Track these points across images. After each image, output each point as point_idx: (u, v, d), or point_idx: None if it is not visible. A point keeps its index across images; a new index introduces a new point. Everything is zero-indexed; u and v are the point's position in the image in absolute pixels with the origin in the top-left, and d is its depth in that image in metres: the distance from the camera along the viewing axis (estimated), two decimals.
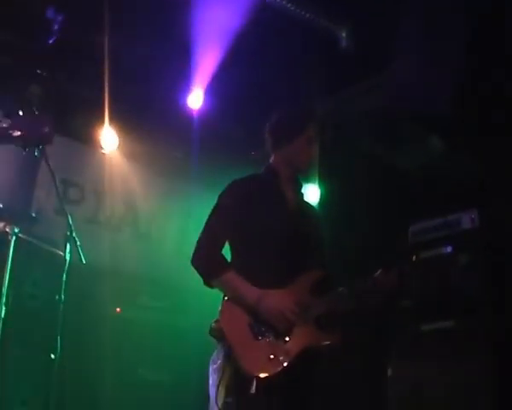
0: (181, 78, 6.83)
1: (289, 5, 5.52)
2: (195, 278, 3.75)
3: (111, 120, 6.74)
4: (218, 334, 3.53)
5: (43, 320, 5.46)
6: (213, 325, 3.57)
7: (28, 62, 6.39)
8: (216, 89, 6.91)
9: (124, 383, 6.37)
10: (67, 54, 6.54)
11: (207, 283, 3.69)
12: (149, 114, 7.12)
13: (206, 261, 3.69)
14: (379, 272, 3.64)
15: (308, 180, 5.97)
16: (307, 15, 5.66)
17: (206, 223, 3.78)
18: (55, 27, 6.19)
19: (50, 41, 6.26)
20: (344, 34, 5.87)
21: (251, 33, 6.08)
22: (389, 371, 5.21)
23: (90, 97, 6.75)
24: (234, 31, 6.08)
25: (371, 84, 6.17)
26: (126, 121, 6.96)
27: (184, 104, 7.07)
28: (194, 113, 7.13)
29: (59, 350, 4.96)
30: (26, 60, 6.34)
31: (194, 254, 3.71)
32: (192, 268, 3.72)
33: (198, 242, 3.73)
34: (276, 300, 3.54)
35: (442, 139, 5.58)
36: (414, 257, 3.78)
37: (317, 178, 6.50)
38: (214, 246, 3.71)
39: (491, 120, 5.11)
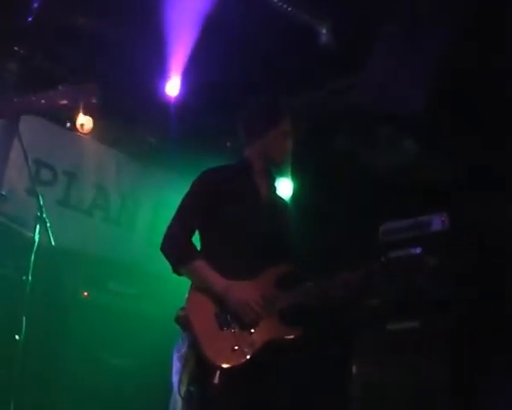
0: (159, 64, 6.79)
1: None
2: (165, 266, 3.74)
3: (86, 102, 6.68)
4: (184, 322, 3.52)
5: (9, 300, 5.42)
6: (179, 312, 3.57)
7: (6, 40, 6.32)
8: (193, 77, 6.89)
9: (88, 368, 6.34)
10: (46, 33, 6.48)
11: (176, 270, 3.69)
12: (126, 99, 7.08)
13: (175, 248, 3.68)
14: (346, 268, 3.65)
15: (281, 174, 5.97)
16: (288, 9, 5.65)
17: (177, 210, 3.78)
18: (35, 5, 6.13)
19: (29, 19, 6.20)
20: (324, 30, 5.87)
21: (231, 24, 6.06)
22: (353, 369, 5.24)
23: (66, 78, 6.68)
24: (213, 21, 6.05)
25: (349, 82, 6.18)
26: (102, 104, 6.89)
27: (162, 91, 7.04)
28: (171, 100, 7.10)
29: (23, 331, 4.93)
30: (3, 37, 6.26)
31: (164, 240, 3.70)
32: (162, 255, 3.71)
33: (168, 228, 3.73)
34: (243, 291, 3.55)
35: (415, 141, 5.61)
36: (383, 256, 3.79)
37: (290, 172, 6.51)
38: (184, 233, 3.71)
39: (464, 122, 5.15)
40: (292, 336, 3.61)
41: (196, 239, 3.80)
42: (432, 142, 5.42)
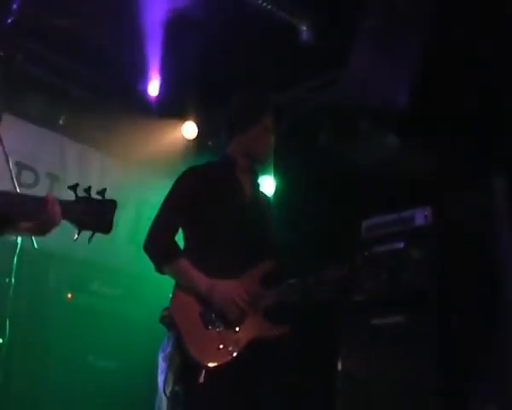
0: (140, 64, 6.78)
1: None
2: (148, 266, 3.74)
3: (68, 103, 6.67)
4: (168, 322, 3.52)
5: None
6: (164, 312, 3.56)
7: None
8: (174, 77, 6.88)
9: (72, 370, 6.31)
10: (27, 35, 6.45)
11: (159, 269, 3.68)
12: (108, 100, 7.07)
13: (158, 248, 3.67)
14: (330, 265, 3.65)
15: (264, 172, 5.97)
16: (268, 6, 5.65)
17: (160, 209, 3.77)
18: (14, 7, 6.10)
19: (9, 21, 6.16)
20: (305, 27, 5.87)
21: (210, 22, 6.06)
22: (338, 365, 5.25)
23: (46, 80, 6.67)
24: (192, 18, 6.05)
25: (330, 78, 6.19)
26: (83, 105, 6.88)
27: (143, 90, 7.03)
28: (152, 99, 7.09)
29: (7, 334, 4.91)
30: None
31: (147, 239, 3.69)
32: (145, 256, 3.70)
33: (151, 228, 3.72)
34: (228, 289, 3.54)
35: (398, 135, 5.62)
36: (366, 252, 3.79)
37: (272, 169, 6.51)
38: (167, 232, 3.70)
39: (447, 116, 5.16)
40: (277, 334, 3.61)
41: (180, 238, 3.80)
42: (414, 136, 5.43)
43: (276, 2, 5.69)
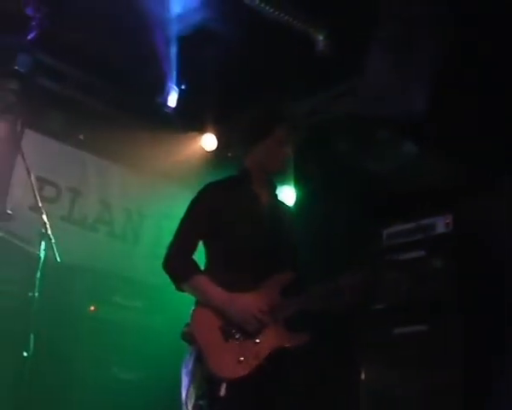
0: (160, 77, 6.83)
1: (267, 7, 5.53)
2: (170, 280, 3.76)
3: (88, 117, 6.73)
4: (190, 338, 3.53)
5: (16, 317, 5.43)
6: (185, 329, 3.57)
7: (7, 58, 6.35)
8: (193, 89, 6.93)
9: (96, 383, 6.34)
10: (47, 51, 6.52)
11: (178, 287, 3.70)
12: (127, 113, 7.12)
13: (176, 266, 3.69)
14: (352, 273, 3.64)
15: (283, 182, 5.98)
16: (285, 17, 5.67)
17: (179, 227, 3.78)
18: (35, 23, 6.17)
19: (29, 37, 6.24)
20: (321, 37, 5.88)
21: (228, 34, 6.09)
22: (361, 375, 5.24)
23: (66, 95, 6.73)
24: (211, 31, 6.09)
25: (348, 88, 6.20)
26: (103, 119, 6.94)
27: (162, 103, 7.08)
28: (171, 112, 7.14)
29: (31, 348, 4.94)
30: (4, 55, 6.30)
31: (166, 258, 3.72)
32: None
33: (170, 246, 3.74)
34: (246, 302, 3.55)
35: (415, 143, 5.62)
36: (387, 260, 3.78)
37: (292, 180, 6.51)
38: (185, 250, 3.72)
39: (464, 123, 5.15)
40: (297, 343, 3.61)
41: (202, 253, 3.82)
42: (433, 144, 5.43)
43: (292, 13, 5.71)
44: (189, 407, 3.44)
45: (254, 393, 3.49)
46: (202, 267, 3.76)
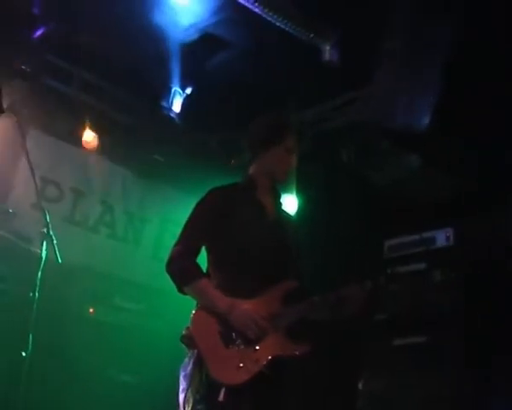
0: (165, 81, 6.84)
1: (275, 15, 5.54)
2: (170, 283, 3.76)
3: (93, 119, 6.73)
4: (189, 341, 3.53)
5: (16, 317, 5.43)
6: (184, 332, 3.57)
7: (13, 57, 6.36)
8: (199, 94, 6.94)
9: (94, 384, 6.35)
10: (53, 51, 6.53)
11: (181, 290, 3.71)
12: (132, 116, 7.13)
13: (179, 269, 3.69)
14: (353, 284, 3.64)
15: (286, 191, 5.98)
16: (293, 26, 5.68)
17: (182, 230, 3.79)
18: (42, 23, 6.19)
19: (36, 36, 6.25)
20: (328, 47, 5.89)
21: (235, 41, 6.11)
22: (360, 385, 5.24)
23: (72, 96, 6.73)
24: (216, 39, 6.10)
25: (353, 97, 6.21)
26: (108, 122, 6.95)
27: (167, 107, 7.09)
28: (176, 118, 7.14)
29: (30, 348, 4.94)
30: (10, 55, 6.31)
31: (169, 260, 3.71)
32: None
33: (173, 249, 3.74)
34: (248, 308, 3.55)
35: (420, 156, 5.63)
36: (389, 271, 3.79)
37: (295, 188, 6.52)
38: (188, 254, 3.72)
39: (469, 138, 5.17)
40: (298, 352, 3.61)
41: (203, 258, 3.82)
42: (436, 158, 5.44)
43: (300, 22, 5.72)
44: None
45: (253, 400, 3.48)
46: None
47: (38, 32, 6.21)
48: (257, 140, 3.94)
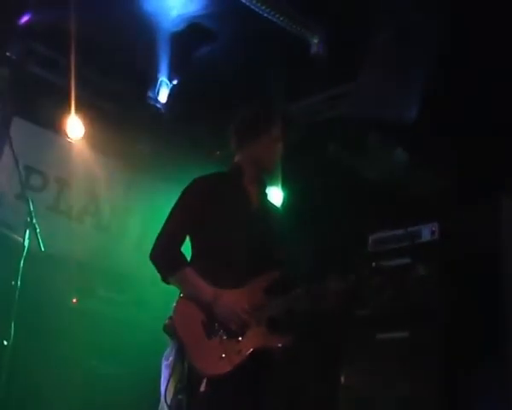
0: (150, 71, 6.82)
1: (263, 7, 5.53)
2: (154, 274, 3.75)
3: (78, 108, 6.69)
4: (171, 331, 3.52)
5: None
6: (167, 321, 3.57)
7: None
8: (184, 84, 6.91)
9: (75, 374, 6.32)
10: (38, 39, 6.48)
11: (165, 279, 3.70)
12: (117, 106, 7.10)
13: (163, 257, 3.69)
14: (336, 276, 3.64)
15: (272, 182, 5.97)
16: (281, 18, 5.67)
17: (167, 219, 3.78)
18: (27, 10, 6.14)
19: (21, 23, 6.20)
20: (316, 40, 5.89)
21: (222, 32, 6.09)
22: (342, 378, 5.24)
23: (57, 84, 6.69)
24: (205, 29, 6.08)
25: (341, 91, 6.20)
26: (93, 111, 6.91)
27: (153, 98, 7.06)
28: (162, 108, 7.12)
29: (12, 337, 4.91)
30: None
31: (153, 249, 3.71)
32: (151, 263, 3.72)
33: (157, 238, 3.74)
34: (231, 300, 3.55)
35: (407, 150, 5.64)
36: (373, 265, 3.78)
37: (280, 180, 6.51)
38: (173, 242, 3.71)
39: (455, 133, 5.17)
40: (280, 344, 3.61)
41: (187, 247, 3.81)
42: (422, 152, 5.45)
43: (288, 15, 5.71)
44: (168, 401, 3.43)
45: (234, 391, 3.49)
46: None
47: (24, 19, 6.16)
48: (243, 128, 3.94)
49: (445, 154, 5.32)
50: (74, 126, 6.75)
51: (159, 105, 7.11)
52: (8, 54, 6.35)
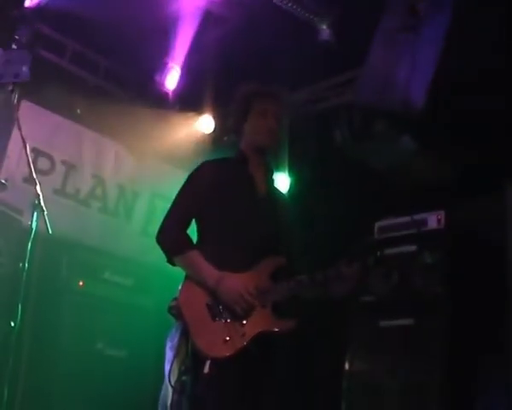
0: (159, 55, 6.82)
1: None
2: (161, 257, 3.77)
3: (86, 92, 6.70)
4: (176, 312, 3.54)
5: (5, 287, 5.44)
6: (172, 302, 3.59)
7: (6, 27, 6.31)
8: (192, 70, 6.91)
9: (81, 357, 6.35)
10: (47, 23, 6.49)
11: (170, 260, 3.72)
12: (126, 90, 7.11)
13: (170, 240, 3.71)
14: (342, 262, 3.65)
15: (278, 169, 5.98)
16: (289, 4, 5.66)
17: (174, 201, 3.81)
18: None
19: (29, 6, 6.20)
20: (324, 26, 5.88)
21: (231, 18, 6.08)
22: (345, 365, 5.26)
23: (67, 68, 6.70)
24: (213, 13, 6.08)
25: (348, 78, 6.19)
26: (101, 95, 6.92)
27: (160, 82, 7.06)
28: (169, 92, 7.12)
29: (19, 318, 4.94)
30: (3, 25, 6.27)
31: (160, 231, 3.74)
32: (157, 247, 3.75)
33: (164, 220, 3.76)
34: (236, 282, 3.56)
35: (413, 139, 5.62)
36: (378, 253, 3.79)
37: (287, 166, 6.52)
38: (179, 224, 3.74)
39: (463, 120, 5.15)
40: (284, 329, 3.62)
41: (193, 230, 3.83)
42: (429, 140, 5.43)
43: (297, 1, 5.70)
44: (172, 382, 3.45)
45: (238, 374, 3.50)
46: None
47: (32, 3, 6.16)
48: (235, 115, 3.96)
49: (452, 142, 5.31)
50: (83, 110, 6.75)
51: (167, 90, 7.11)
52: (16, 37, 6.34)
